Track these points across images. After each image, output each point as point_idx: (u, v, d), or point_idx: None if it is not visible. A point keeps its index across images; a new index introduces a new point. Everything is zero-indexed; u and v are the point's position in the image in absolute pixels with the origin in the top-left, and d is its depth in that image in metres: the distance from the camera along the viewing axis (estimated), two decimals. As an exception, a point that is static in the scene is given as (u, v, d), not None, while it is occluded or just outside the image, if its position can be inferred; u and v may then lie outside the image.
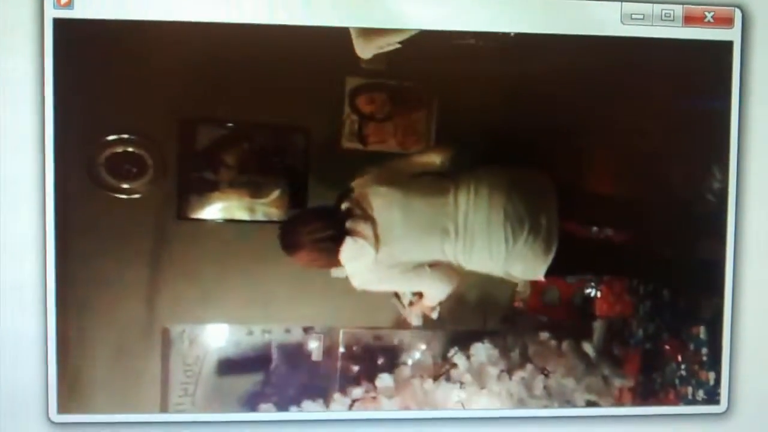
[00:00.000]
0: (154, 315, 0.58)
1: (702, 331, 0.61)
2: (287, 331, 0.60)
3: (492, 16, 0.57)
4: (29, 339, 0.55)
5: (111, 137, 0.57)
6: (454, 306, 0.61)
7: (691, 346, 0.61)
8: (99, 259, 0.57)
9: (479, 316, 0.61)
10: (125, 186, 0.58)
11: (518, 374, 0.60)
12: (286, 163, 0.59)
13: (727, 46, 0.59)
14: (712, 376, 0.60)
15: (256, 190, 0.59)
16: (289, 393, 0.59)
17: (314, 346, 0.60)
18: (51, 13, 0.54)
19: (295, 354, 0.60)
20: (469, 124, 0.61)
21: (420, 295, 0.60)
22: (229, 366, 0.59)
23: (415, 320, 0.60)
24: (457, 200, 0.58)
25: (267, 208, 0.60)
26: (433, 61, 0.59)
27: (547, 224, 0.58)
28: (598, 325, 0.61)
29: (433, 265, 0.59)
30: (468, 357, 0.60)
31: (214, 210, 0.59)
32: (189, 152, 0.58)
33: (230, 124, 0.59)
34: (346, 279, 0.59)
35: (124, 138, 0.57)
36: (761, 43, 0.59)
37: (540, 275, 0.58)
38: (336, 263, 0.58)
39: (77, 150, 0.56)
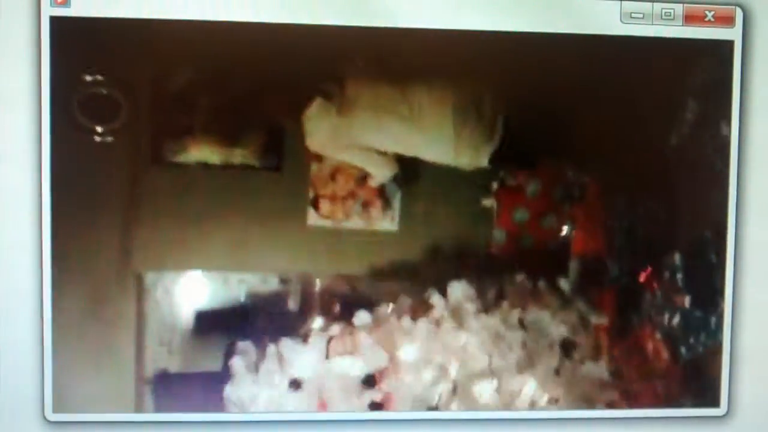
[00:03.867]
0: (128, 261, 0.58)
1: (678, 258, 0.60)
2: (263, 281, 0.60)
3: (488, 15, 0.57)
4: (24, 336, 0.55)
5: (86, 77, 0.56)
6: (429, 257, 0.60)
7: (667, 274, 0.60)
8: (74, 206, 0.56)
9: (455, 264, 0.61)
10: (98, 129, 0.56)
11: (494, 311, 0.61)
12: (263, 107, 0.59)
13: (728, 45, 0.58)
14: (687, 299, 0.60)
15: (231, 134, 0.59)
16: (266, 335, 0.59)
17: (290, 294, 0.60)
18: (48, 11, 0.54)
19: (271, 302, 0.60)
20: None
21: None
22: (204, 315, 0.59)
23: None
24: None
25: (243, 153, 0.59)
26: (428, 58, 0.58)
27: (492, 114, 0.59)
28: (573, 264, 0.61)
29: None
30: (445, 296, 0.61)
31: (189, 154, 0.58)
32: (163, 96, 0.57)
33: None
34: (323, 228, 0.60)
35: (98, 79, 0.56)
36: (762, 42, 0.58)
37: (484, 161, 0.59)
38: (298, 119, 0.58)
39: (57, 93, 0.55)
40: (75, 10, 0.54)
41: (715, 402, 0.60)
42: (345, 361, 0.60)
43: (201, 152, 0.58)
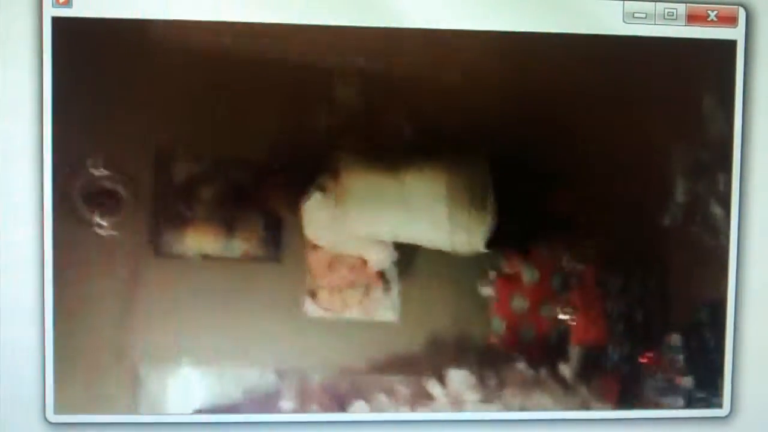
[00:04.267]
0: (125, 354, 0.57)
1: (677, 340, 0.60)
2: (260, 377, 0.59)
3: (490, 15, 0.56)
4: (27, 340, 0.55)
5: (89, 170, 0.57)
6: (429, 348, 0.60)
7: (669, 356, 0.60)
8: (82, 287, 0.57)
9: (455, 353, 0.60)
10: (100, 221, 0.57)
11: (495, 401, 0.60)
12: (264, 198, 0.59)
13: (731, 45, 0.58)
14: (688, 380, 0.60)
15: (231, 225, 0.59)
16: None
17: (286, 390, 0.59)
18: (50, 11, 0.54)
19: (267, 400, 0.59)
20: (463, 123, 0.59)
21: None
22: (201, 409, 0.58)
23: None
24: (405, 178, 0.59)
25: (242, 244, 0.59)
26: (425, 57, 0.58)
27: (487, 197, 0.59)
28: (573, 352, 0.61)
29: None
30: (444, 385, 0.60)
31: (189, 246, 0.58)
32: (164, 187, 0.57)
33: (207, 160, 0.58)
34: (320, 319, 0.59)
35: (101, 173, 0.57)
36: (765, 42, 0.58)
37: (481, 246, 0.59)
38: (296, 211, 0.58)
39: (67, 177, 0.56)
40: (77, 11, 0.54)
41: (718, 403, 0.60)
42: None
43: (200, 243, 0.58)
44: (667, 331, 0.60)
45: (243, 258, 0.59)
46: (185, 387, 0.58)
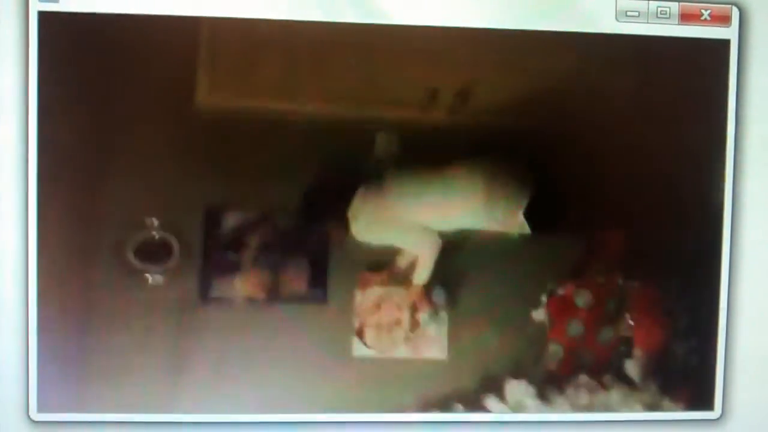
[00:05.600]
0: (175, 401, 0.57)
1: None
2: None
3: (480, 13, 0.56)
4: (9, 338, 0.55)
5: (137, 222, 0.57)
6: (482, 386, 0.60)
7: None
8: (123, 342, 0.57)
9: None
10: (152, 271, 0.57)
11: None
12: (308, 242, 0.59)
13: (724, 44, 0.58)
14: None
15: (277, 270, 0.59)
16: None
17: None
18: (36, 6, 0.54)
19: None
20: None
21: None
22: None
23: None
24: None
25: (288, 286, 0.59)
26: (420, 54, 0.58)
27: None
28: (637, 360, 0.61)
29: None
30: (503, 399, 0.59)
31: (237, 291, 0.58)
32: (214, 237, 0.58)
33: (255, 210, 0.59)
34: (371, 361, 0.59)
35: (150, 223, 0.57)
36: (758, 41, 0.58)
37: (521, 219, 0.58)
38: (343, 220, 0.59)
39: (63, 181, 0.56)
40: (63, 5, 0.54)
41: (709, 405, 0.59)
42: None
43: (247, 288, 0.58)
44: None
45: (289, 299, 0.59)
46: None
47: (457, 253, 0.60)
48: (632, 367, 0.60)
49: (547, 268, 0.60)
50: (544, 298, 0.60)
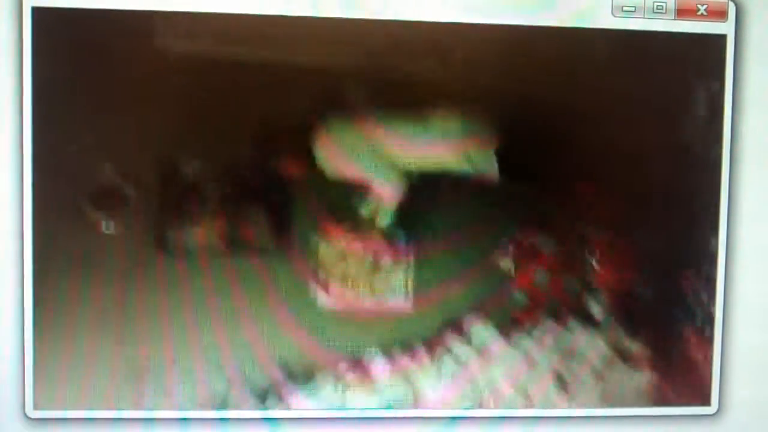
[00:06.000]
0: (127, 354, 0.56)
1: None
2: (262, 371, 0.58)
3: (475, 8, 0.56)
4: (5, 336, 0.54)
5: (91, 170, 0.56)
6: (446, 332, 0.60)
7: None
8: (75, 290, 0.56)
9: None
10: (104, 220, 0.56)
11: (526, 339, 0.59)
12: (270, 192, 0.58)
13: (721, 39, 0.57)
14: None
15: (237, 219, 0.57)
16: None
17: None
18: (30, 1, 0.53)
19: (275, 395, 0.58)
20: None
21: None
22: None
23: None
24: None
25: (249, 238, 0.58)
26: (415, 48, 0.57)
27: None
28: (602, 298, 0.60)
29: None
30: (467, 341, 0.59)
31: (195, 240, 0.57)
32: (171, 185, 0.57)
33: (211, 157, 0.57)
34: (334, 312, 0.59)
35: (104, 171, 0.56)
36: (755, 36, 0.57)
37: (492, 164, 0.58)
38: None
39: (59, 177, 0.55)
40: (58, 0, 0.53)
41: (705, 401, 0.59)
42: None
43: (205, 237, 0.57)
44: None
45: (250, 250, 0.58)
46: (181, 383, 0.57)
47: (423, 198, 0.59)
48: (596, 308, 0.60)
49: (514, 216, 0.60)
50: (510, 246, 0.59)
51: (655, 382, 0.60)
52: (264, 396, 0.58)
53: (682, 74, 0.58)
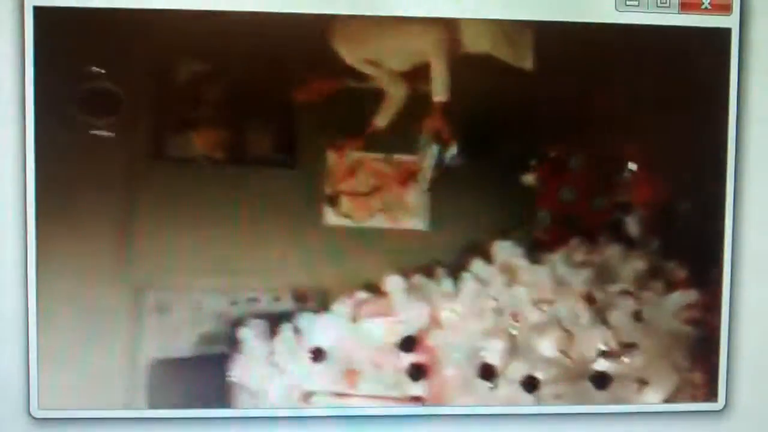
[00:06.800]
0: (123, 271, 0.55)
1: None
2: (276, 299, 0.55)
3: (479, 2, 0.56)
4: (10, 334, 0.54)
5: (85, 72, 0.53)
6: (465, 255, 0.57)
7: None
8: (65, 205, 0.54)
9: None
10: (99, 123, 0.53)
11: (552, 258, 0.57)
12: (273, 99, 0.54)
13: (725, 33, 0.57)
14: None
15: (238, 127, 0.54)
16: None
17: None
18: (31, 0, 0.53)
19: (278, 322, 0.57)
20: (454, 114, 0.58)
21: None
22: (209, 340, 0.56)
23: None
24: None
25: (252, 147, 0.55)
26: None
27: None
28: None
29: None
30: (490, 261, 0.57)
31: (193, 149, 0.54)
32: (166, 89, 0.54)
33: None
34: (341, 231, 0.56)
35: (98, 73, 0.53)
36: (760, 30, 0.57)
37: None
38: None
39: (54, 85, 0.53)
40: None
41: (713, 396, 0.59)
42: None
43: (204, 146, 0.54)
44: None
45: (252, 161, 0.55)
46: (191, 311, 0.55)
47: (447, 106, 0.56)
48: (632, 225, 0.58)
49: (540, 130, 0.57)
50: (534, 161, 0.57)
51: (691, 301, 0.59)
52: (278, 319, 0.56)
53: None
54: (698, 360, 0.59)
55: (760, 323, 0.59)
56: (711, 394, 0.59)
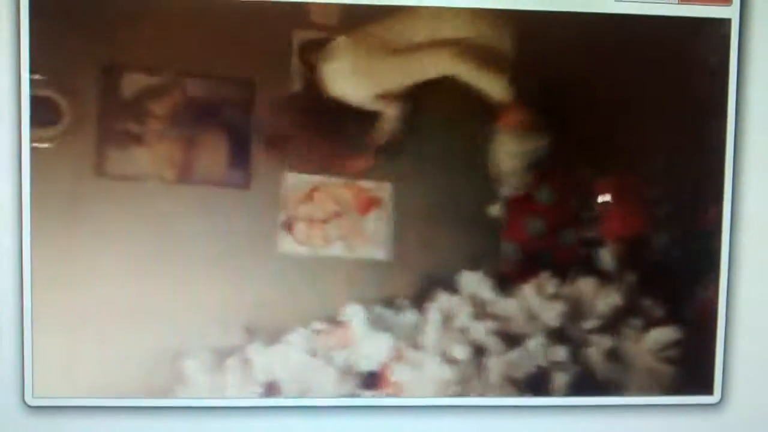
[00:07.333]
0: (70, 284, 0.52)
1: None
2: (225, 330, 0.53)
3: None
4: (4, 322, 0.54)
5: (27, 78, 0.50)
6: (426, 288, 0.55)
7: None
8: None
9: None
10: (39, 134, 0.50)
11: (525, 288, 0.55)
12: (226, 115, 0.51)
13: (725, 23, 0.57)
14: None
15: (189, 145, 0.51)
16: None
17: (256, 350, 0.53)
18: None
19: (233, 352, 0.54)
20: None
21: None
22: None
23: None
24: None
25: (204, 167, 0.52)
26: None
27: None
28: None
29: None
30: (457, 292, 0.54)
31: (139, 166, 0.50)
32: (111, 100, 0.50)
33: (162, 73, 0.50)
34: (298, 255, 0.53)
35: (37, 79, 0.50)
36: (760, 20, 0.57)
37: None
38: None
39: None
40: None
41: (708, 389, 0.59)
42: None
43: (151, 164, 0.51)
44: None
45: (204, 181, 0.51)
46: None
47: (406, 130, 0.53)
48: (605, 257, 0.56)
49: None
50: (502, 192, 0.55)
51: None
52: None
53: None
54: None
55: (755, 317, 0.59)
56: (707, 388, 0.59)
